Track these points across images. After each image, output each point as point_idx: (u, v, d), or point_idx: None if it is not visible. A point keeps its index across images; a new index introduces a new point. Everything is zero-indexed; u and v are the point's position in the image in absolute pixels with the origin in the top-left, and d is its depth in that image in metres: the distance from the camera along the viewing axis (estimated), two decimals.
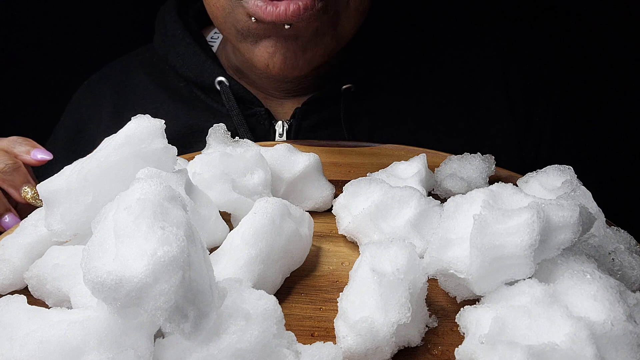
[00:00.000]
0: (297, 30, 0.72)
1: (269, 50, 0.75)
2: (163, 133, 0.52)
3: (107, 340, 0.38)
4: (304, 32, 0.73)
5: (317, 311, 0.51)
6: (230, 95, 0.86)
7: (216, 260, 0.51)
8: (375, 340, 0.43)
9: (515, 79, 0.92)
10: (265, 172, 0.60)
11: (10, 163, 0.66)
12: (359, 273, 0.48)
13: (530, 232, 0.44)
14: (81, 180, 0.50)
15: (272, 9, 0.69)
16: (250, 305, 0.41)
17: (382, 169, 0.66)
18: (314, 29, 0.73)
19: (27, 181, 0.66)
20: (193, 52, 0.89)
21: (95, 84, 0.99)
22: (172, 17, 0.93)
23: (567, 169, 0.59)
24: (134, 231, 0.37)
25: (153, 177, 0.45)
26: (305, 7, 0.69)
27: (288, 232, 0.52)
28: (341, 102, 0.85)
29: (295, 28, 0.71)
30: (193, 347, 0.39)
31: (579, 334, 0.39)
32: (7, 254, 0.53)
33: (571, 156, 0.92)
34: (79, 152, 0.91)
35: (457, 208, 0.50)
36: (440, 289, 0.52)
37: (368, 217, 0.56)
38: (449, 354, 0.47)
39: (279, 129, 0.85)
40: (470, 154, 0.68)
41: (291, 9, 0.68)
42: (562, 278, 0.44)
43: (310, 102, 0.85)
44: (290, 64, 0.76)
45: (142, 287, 0.36)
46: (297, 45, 0.74)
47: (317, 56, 0.77)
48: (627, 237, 0.54)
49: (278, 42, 0.74)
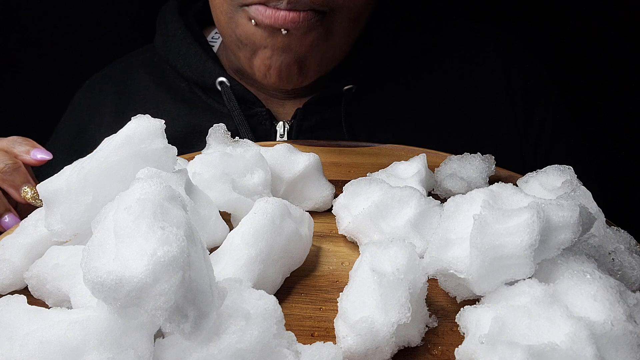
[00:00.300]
0: (291, 41, 0.73)
1: (265, 63, 0.77)
2: (163, 133, 0.52)
3: (107, 340, 0.38)
4: (298, 44, 0.74)
5: (317, 311, 0.51)
6: (231, 96, 0.86)
7: (216, 260, 0.51)
8: (375, 340, 0.43)
9: (516, 79, 0.92)
10: (265, 172, 0.60)
11: (10, 163, 0.66)
12: (359, 273, 0.48)
13: (530, 232, 0.44)
14: (81, 180, 0.50)
15: (271, 13, 0.71)
16: (250, 305, 0.41)
17: (382, 169, 0.66)
18: (308, 43, 0.74)
19: (27, 181, 0.66)
20: (194, 52, 0.89)
21: (97, 84, 0.99)
22: (173, 17, 0.93)
23: (567, 169, 0.60)
24: (134, 231, 0.37)
25: (153, 177, 0.45)
26: (304, 17, 0.71)
27: (288, 232, 0.52)
28: (342, 102, 0.85)
29: (291, 38, 0.73)
30: (193, 347, 0.39)
31: (579, 334, 0.39)
32: (7, 254, 0.53)
33: (571, 156, 0.93)
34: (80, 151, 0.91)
35: (457, 208, 0.50)
36: (440, 289, 0.52)
37: (368, 217, 0.56)
38: (449, 354, 0.47)
39: (280, 129, 0.85)
40: (470, 154, 0.68)
41: (291, 16, 0.70)
42: (562, 278, 0.44)
43: (312, 103, 0.85)
44: (286, 76, 0.78)
45: (142, 287, 0.36)
46: (291, 57, 0.76)
47: (314, 69, 0.79)
48: (627, 237, 0.54)
49: (274, 54, 0.75)
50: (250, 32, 0.74)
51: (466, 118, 0.89)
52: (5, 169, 0.65)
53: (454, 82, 0.90)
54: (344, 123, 0.84)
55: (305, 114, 0.85)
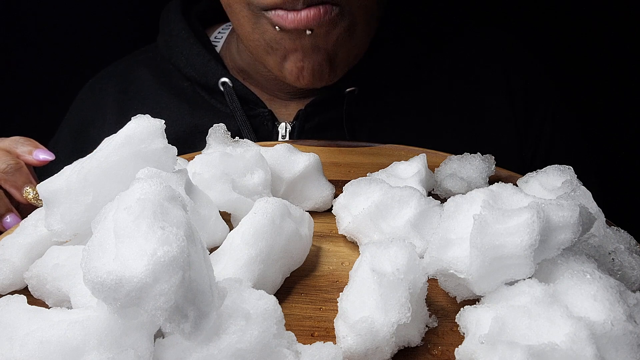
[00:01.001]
0: (318, 40, 0.73)
1: (297, 65, 0.76)
2: (163, 133, 0.52)
3: (107, 340, 0.38)
4: (325, 42, 0.74)
5: (317, 311, 0.51)
6: (233, 96, 0.86)
7: (216, 260, 0.51)
8: (375, 340, 0.43)
9: (516, 80, 0.92)
10: (265, 172, 0.60)
11: (12, 163, 0.66)
12: (359, 273, 0.48)
13: (530, 232, 0.44)
14: (81, 180, 0.50)
15: (293, 16, 0.70)
16: (250, 305, 0.41)
17: (382, 169, 0.66)
18: (334, 39, 0.74)
19: (29, 181, 0.66)
20: (197, 52, 0.89)
21: (100, 83, 0.99)
22: (177, 16, 0.92)
23: (567, 169, 0.59)
24: (134, 231, 0.37)
25: (153, 177, 0.45)
26: (325, 11, 0.71)
27: (288, 232, 0.52)
28: (344, 104, 0.85)
29: (317, 37, 0.73)
30: (193, 347, 0.39)
31: (579, 334, 0.39)
32: (7, 254, 0.53)
33: (571, 156, 0.93)
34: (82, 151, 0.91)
35: (457, 208, 0.50)
36: (440, 289, 0.52)
37: (368, 217, 0.56)
38: (449, 354, 0.47)
39: (282, 130, 0.86)
40: (470, 154, 0.68)
41: (312, 13, 0.70)
42: (562, 278, 0.44)
43: (314, 104, 0.85)
44: (319, 75, 0.78)
45: (142, 287, 0.36)
46: (322, 56, 0.76)
47: (342, 66, 0.79)
48: (627, 237, 0.54)
49: (306, 56, 0.75)
50: (279, 37, 0.74)
51: (466, 120, 0.89)
52: (7, 169, 0.65)
53: (455, 83, 0.91)
54: (346, 125, 0.85)
55: (307, 115, 0.85)
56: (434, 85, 0.90)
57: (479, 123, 0.89)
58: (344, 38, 0.75)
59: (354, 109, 0.86)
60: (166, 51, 0.92)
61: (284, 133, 0.86)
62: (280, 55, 0.77)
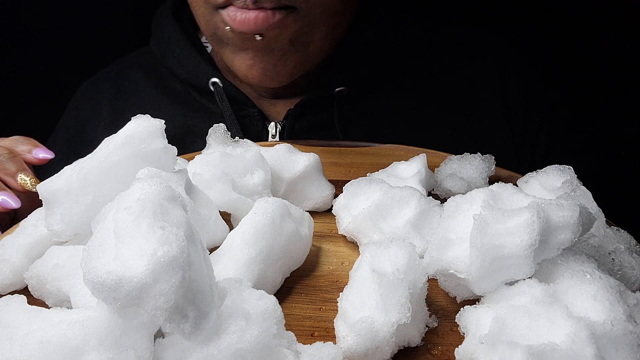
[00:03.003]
0: (270, 42, 0.73)
1: (247, 63, 0.77)
2: (163, 133, 0.52)
3: (107, 340, 0.38)
4: (277, 42, 0.74)
5: (317, 311, 0.51)
6: (223, 96, 0.86)
7: (216, 260, 0.51)
8: (375, 340, 0.43)
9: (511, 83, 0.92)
10: (265, 172, 0.60)
11: (5, 152, 0.66)
12: (359, 273, 0.48)
13: (530, 232, 0.44)
14: (81, 180, 0.50)
15: (242, 17, 0.70)
16: (250, 305, 0.41)
17: (382, 169, 0.66)
18: (287, 40, 0.74)
19: (23, 169, 0.66)
20: (188, 53, 0.90)
21: (95, 85, 1.00)
22: (168, 19, 0.93)
23: (567, 169, 0.60)
24: (134, 231, 0.37)
25: (153, 177, 0.45)
26: (272, 16, 0.70)
27: (288, 232, 0.52)
28: (334, 105, 0.85)
29: (268, 39, 0.73)
30: (193, 347, 0.39)
31: (579, 334, 0.39)
32: (7, 254, 0.53)
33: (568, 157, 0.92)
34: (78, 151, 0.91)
35: (457, 208, 0.50)
36: (440, 289, 0.52)
37: (368, 217, 0.56)
38: (449, 354, 0.47)
39: (272, 130, 0.86)
40: (470, 154, 0.68)
41: (261, 16, 0.70)
42: (562, 278, 0.44)
43: (303, 105, 0.86)
44: (269, 75, 0.78)
45: (142, 287, 0.36)
46: (274, 57, 0.76)
47: (298, 67, 0.79)
48: (627, 237, 0.54)
49: (256, 56, 0.76)
50: (230, 35, 0.75)
51: (461, 123, 0.89)
52: (1, 159, 0.65)
53: (447, 86, 0.91)
54: (338, 125, 0.84)
55: (297, 115, 0.85)
56: (425, 88, 0.90)
57: (474, 127, 0.89)
58: (299, 39, 0.75)
59: (345, 109, 0.86)
60: (158, 53, 0.93)
61: (274, 133, 0.86)
62: (231, 50, 0.78)
